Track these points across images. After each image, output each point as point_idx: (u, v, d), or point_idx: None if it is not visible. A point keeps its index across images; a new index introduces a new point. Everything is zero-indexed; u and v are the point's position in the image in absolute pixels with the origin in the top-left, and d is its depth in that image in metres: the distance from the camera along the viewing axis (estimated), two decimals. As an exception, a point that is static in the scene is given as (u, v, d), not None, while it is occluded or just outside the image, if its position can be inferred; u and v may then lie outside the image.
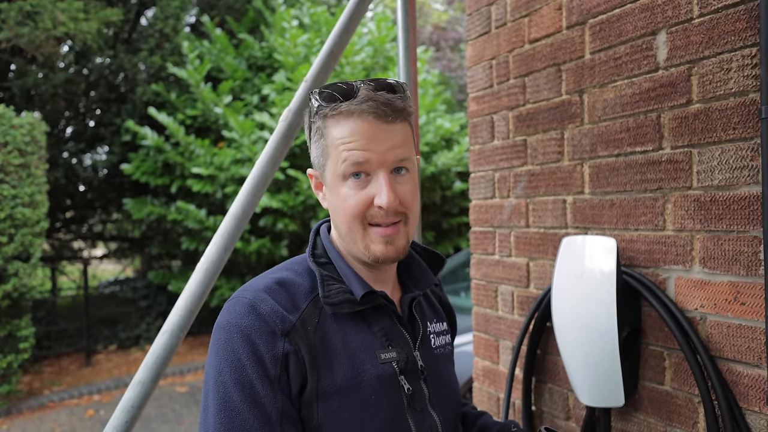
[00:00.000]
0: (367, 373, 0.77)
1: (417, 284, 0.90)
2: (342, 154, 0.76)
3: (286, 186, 5.88)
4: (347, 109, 0.76)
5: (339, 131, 0.77)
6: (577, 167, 1.35)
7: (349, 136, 0.75)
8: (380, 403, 0.76)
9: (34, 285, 4.83)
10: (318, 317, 0.78)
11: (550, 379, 1.45)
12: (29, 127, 4.80)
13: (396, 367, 0.80)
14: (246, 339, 0.73)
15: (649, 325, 1.18)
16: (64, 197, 7.36)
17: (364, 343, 0.79)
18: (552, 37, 1.41)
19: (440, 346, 0.92)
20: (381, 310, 0.83)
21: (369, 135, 0.75)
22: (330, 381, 0.75)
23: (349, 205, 0.77)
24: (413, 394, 0.80)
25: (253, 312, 0.74)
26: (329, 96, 0.77)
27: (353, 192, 0.77)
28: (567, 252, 1.25)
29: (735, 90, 1.01)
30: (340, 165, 0.76)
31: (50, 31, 5.47)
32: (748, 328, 0.99)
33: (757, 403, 0.98)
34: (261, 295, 0.77)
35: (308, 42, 6.07)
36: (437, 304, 0.99)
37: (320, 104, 0.78)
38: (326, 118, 0.78)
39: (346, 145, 0.76)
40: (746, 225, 0.99)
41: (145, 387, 1.22)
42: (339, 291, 0.79)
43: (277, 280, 0.80)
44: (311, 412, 0.74)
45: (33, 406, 4.96)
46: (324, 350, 0.76)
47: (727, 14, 1.02)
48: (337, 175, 0.77)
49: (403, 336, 0.84)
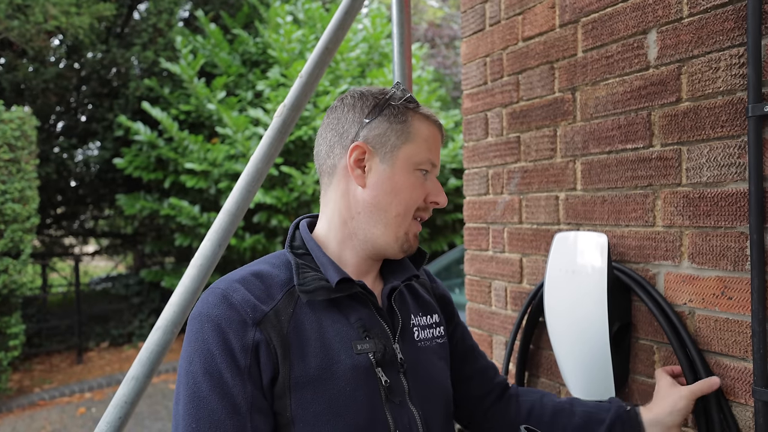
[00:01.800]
0: (342, 364, 0.76)
1: (396, 276, 0.89)
2: (424, 149, 0.85)
3: (281, 182, 5.86)
4: (428, 115, 0.88)
5: (426, 129, 0.86)
6: (570, 164, 1.36)
7: (432, 138, 0.87)
8: (355, 395, 0.75)
9: (24, 282, 4.79)
10: (293, 307, 0.78)
11: (542, 374, 1.47)
12: (19, 121, 4.75)
13: (372, 358, 0.78)
14: (216, 328, 0.72)
15: (640, 319, 1.20)
16: (55, 193, 7.29)
17: (339, 333, 0.78)
18: (545, 35, 1.43)
19: (425, 339, 0.90)
20: (359, 300, 0.83)
21: (437, 145, 0.89)
22: (302, 371, 0.74)
23: (416, 193, 0.85)
24: (391, 387, 0.79)
25: (224, 302, 0.74)
26: (411, 97, 0.87)
27: (420, 182, 0.85)
28: (559, 248, 1.26)
29: (723, 89, 1.03)
30: (420, 156, 0.85)
31: (41, 24, 5.41)
32: (735, 322, 1.01)
33: (743, 395, 1.00)
34: (234, 285, 0.77)
35: (303, 38, 6.05)
36: (427, 297, 0.98)
37: (407, 97, 0.86)
38: (410, 111, 0.86)
39: (428, 143, 0.86)
40: (733, 221, 1.01)
41: (139, 383, 1.22)
42: (314, 278, 0.79)
43: (253, 272, 0.80)
44: (284, 404, 0.73)
45: (23, 405, 4.93)
46: (298, 340, 0.75)
47: (715, 14, 1.04)
48: (413, 162, 0.84)
49: (381, 327, 0.83)
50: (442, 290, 1.04)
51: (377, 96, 0.86)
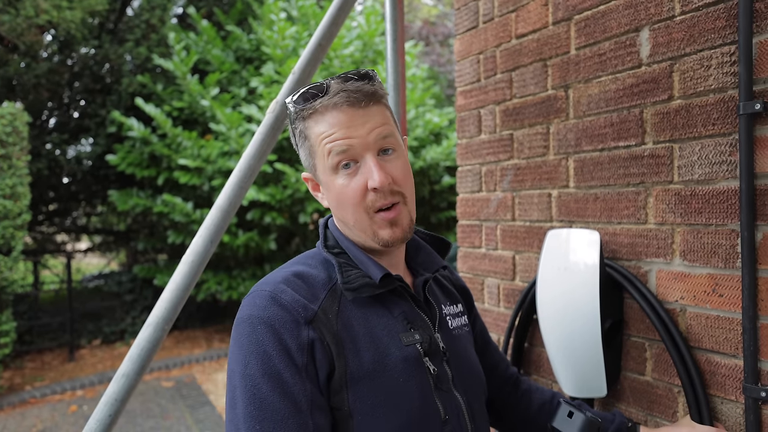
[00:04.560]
0: (393, 356, 0.78)
1: (426, 268, 0.92)
2: (326, 147, 0.79)
3: (274, 179, 5.84)
4: (322, 105, 0.79)
5: (319, 127, 0.80)
6: (562, 161, 1.36)
7: (329, 128, 0.78)
8: (408, 386, 0.77)
9: (16, 279, 4.75)
10: (338, 305, 0.79)
11: (535, 371, 1.47)
12: (10, 117, 4.70)
13: (420, 348, 0.81)
14: (270, 329, 0.73)
15: (631, 316, 1.20)
16: (46, 189, 7.22)
17: (386, 327, 0.80)
18: (538, 32, 1.42)
19: (457, 327, 0.93)
20: (398, 294, 0.85)
21: (347, 123, 0.78)
22: (357, 366, 0.75)
23: (347, 195, 0.79)
24: (438, 375, 0.81)
25: (274, 303, 0.75)
26: (303, 97, 0.81)
27: (347, 181, 0.79)
28: (552, 245, 1.26)
29: (714, 86, 1.03)
30: (327, 159, 0.79)
31: (32, 19, 5.35)
32: (726, 319, 1.01)
33: (733, 392, 1.01)
34: (280, 286, 0.78)
35: (296, 35, 6.02)
36: (449, 287, 1.01)
37: (296, 108, 0.81)
38: (306, 119, 0.81)
39: (328, 137, 0.78)
40: (724, 219, 1.01)
41: (129, 380, 1.21)
42: (358, 276, 0.81)
43: (294, 272, 0.81)
44: (341, 399, 0.75)
45: (14, 402, 4.89)
46: (348, 336, 0.77)
47: (707, 12, 1.04)
48: (328, 170, 0.80)
49: (422, 318, 0.85)
50: (462, 282, 1.07)
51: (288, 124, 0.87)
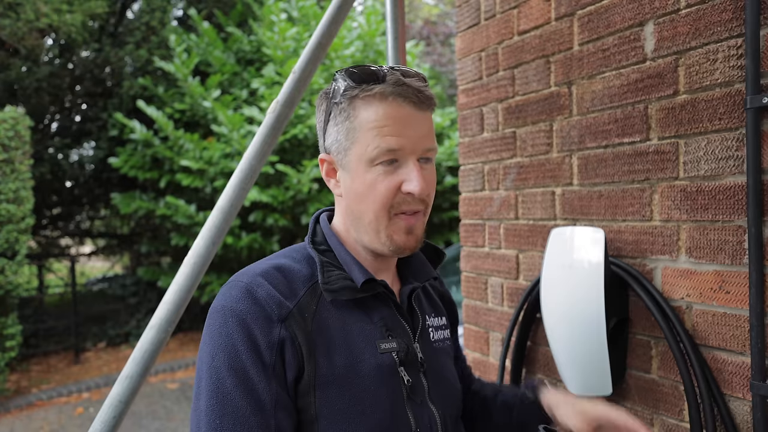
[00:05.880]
0: (366, 363, 0.75)
1: (416, 276, 0.89)
2: (375, 138, 0.73)
3: (276, 181, 5.84)
4: (381, 92, 0.73)
5: (371, 114, 0.73)
6: (566, 159, 1.35)
7: (384, 119, 0.73)
8: (379, 394, 0.74)
9: (20, 282, 4.76)
10: (316, 304, 0.77)
11: (539, 370, 1.46)
12: (13, 121, 4.71)
13: (396, 357, 0.78)
14: (241, 324, 0.71)
15: (637, 314, 1.19)
16: (50, 193, 7.25)
17: (363, 332, 0.78)
18: (541, 28, 1.41)
19: (439, 340, 0.90)
20: (381, 299, 0.82)
21: (404, 121, 0.73)
22: (328, 369, 0.73)
23: (379, 192, 0.74)
24: (413, 386, 0.79)
25: (249, 296, 0.73)
26: (360, 77, 0.74)
27: (382, 178, 0.74)
28: (556, 243, 1.25)
29: (721, 81, 1.02)
30: (372, 149, 0.73)
31: (33, 23, 5.37)
32: (733, 317, 1.00)
33: (740, 389, 0.99)
34: (258, 279, 0.75)
35: (297, 36, 6.02)
36: (436, 299, 0.98)
37: (349, 84, 0.75)
38: (354, 100, 0.75)
39: (381, 129, 0.73)
40: (731, 215, 1.00)
41: (133, 381, 1.21)
42: (339, 277, 0.78)
43: (275, 265, 0.78)
44: (308, 402, 0.73)
45: (21, 405, 4.90)
46: (322, 338, 0.75)
47: (713, 5, 1.02)
48: (366, 160, 0.74)
49: (402, 327, 0.83)
50: (449, 295, 1.03)
51: (328, 95, 0.79)
